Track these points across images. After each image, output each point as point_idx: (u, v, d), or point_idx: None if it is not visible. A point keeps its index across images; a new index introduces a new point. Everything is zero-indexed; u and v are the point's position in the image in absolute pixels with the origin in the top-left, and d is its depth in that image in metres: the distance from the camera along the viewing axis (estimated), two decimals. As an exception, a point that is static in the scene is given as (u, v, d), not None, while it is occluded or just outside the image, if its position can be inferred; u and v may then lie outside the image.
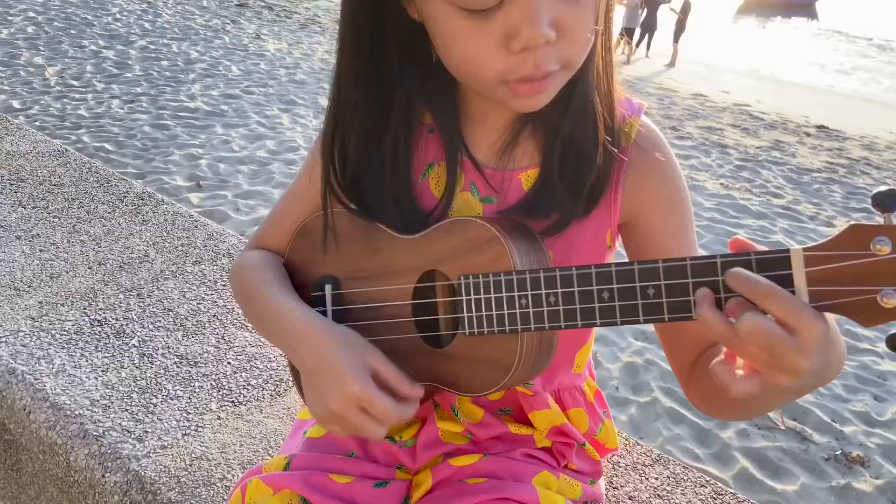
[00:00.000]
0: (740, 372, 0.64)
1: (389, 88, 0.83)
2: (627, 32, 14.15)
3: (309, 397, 0.83)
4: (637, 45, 14.44)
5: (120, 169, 5.59)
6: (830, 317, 0.63)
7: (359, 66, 0.82)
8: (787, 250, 0.62)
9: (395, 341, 0.87)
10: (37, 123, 6.17)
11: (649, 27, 14.43)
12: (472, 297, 0.79)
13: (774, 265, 0.63)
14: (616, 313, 0.71)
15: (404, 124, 0.85)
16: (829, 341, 0.61)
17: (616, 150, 0.83)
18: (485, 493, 0.85)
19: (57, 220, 1.71)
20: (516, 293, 0.76)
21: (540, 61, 0.69)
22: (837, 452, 3.40)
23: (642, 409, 3.62)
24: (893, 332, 0.58)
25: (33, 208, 1.75)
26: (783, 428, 3.59)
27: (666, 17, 14.58)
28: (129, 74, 7.63)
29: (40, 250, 1.59)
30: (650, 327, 4.66)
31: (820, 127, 10.51)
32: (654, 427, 3.51)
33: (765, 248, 0.63)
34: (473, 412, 0.95)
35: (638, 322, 0.70)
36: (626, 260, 0.73)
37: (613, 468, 1.18)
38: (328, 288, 0.91)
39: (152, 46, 8.66)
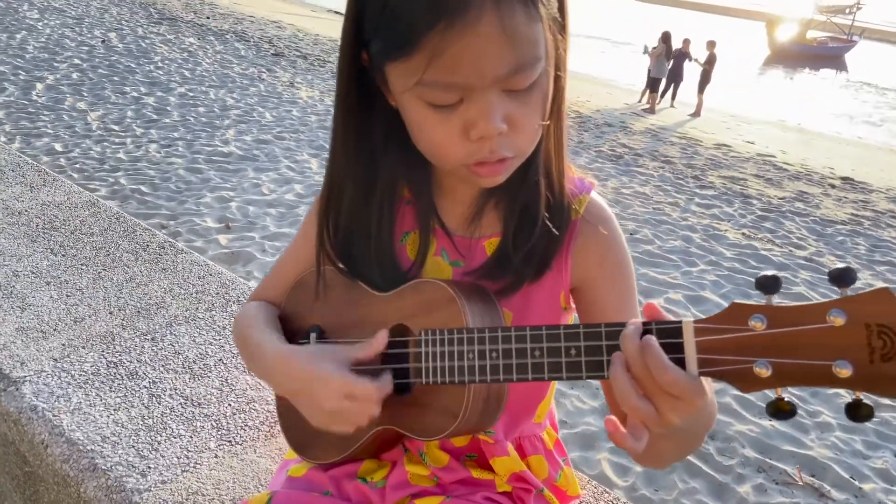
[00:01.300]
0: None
1: (375, 164, 0.96)
2: (654, 83, 14.32)
3: (306, 413, 0.95)
4: (663, 96, 14.59)
5: (154, 210, 5.82)
6: (709, 386, 0.73)
7: (350, 143, 0.94)
8: (681, 321, 0.72)
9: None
10: (77, 166, 6.45)
11: (675, 78, 14.58)
12: (430, 349, 0.90)
13: (670, 333, 0.72)
14: (544, 370, 0.81)
15: (388, 196, 0.98)
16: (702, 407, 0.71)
17: (565, 223, 0.95)
18: None
19: (84, 267, 1.86)
20: (465, 348, 0.87)
21: (494, 148, 0.82)
22: (856, 510, 3.36)
23: (658, 460, 3.64)
24: (850, 401, 0.64)
25: (63, 255, 1.90)
26: (801, 484, 3.56)
27: (691, 68, 14.73)
28: (167, 120, 7.95)
29: (67, 296, 1.73)
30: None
31: (845, 178, 10.48)
32: (669, 479, 3.51)
33: (667, 318, 0.73)
34: (439, 457, 1.04)
35: (561, 378, 0.80)
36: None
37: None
38: (313, 336, 1.04)
39: (191, 93, 9.00)
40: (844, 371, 0.63)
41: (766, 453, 3.82)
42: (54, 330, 1.60)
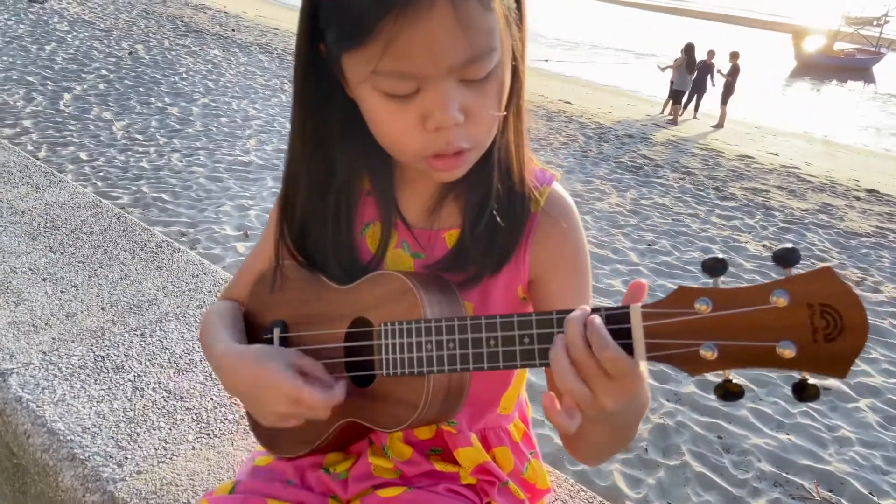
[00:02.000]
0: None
1: (332, 154, 0.95)
2: (676, 94, 14.25)
3: (256, 413, 0.95)
4: (685, 107, 14.51)
5: (174, 218, 5.91)
6: (644, 371, 0.72)
7: (306, 135, 0.94)
8: (629, 306, 0.71)
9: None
10: (101, 174, 6.57)
11: (699, 89, 14.50)
12: (390, 341, 0.89)
13: (618, 319, 0.72)
14: (499, 358, 0.80)
15: (345, 187, 0.97)
16: (636, 393, 0.71)
17: (525, 216, 0.94)
18: None
19: (81, 264, 1.89)
20: (423, 339, 0.86)
21: (451, 139, 0.82)
22: (873, 526, 3.28)
23: (671, 472, 3.58)
24: (796, 381, 0.64)
25: (62, 253, 1.93)
26: (818, 499, 3.49)
27: (716, 80, 14.63)
28: (189, 130, 8.07)
29: (61, 291, 1.76)
30: (683, 388, 4.62)
31: (871, 191, 10.30)
32: (682, 492, 3.46)
33: (614, 305, 0.73)
34: (402, 451, 1.04)
35: (516, 366, 0.80)
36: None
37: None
38: (276, 331, 1.03)
39: (214, 104, 9.14)
40: (788, 352, 0.62)
41: (783, 467, 3.76)
42: (46, 324, 1.62)
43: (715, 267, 0.67)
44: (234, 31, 14.34)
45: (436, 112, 0.79)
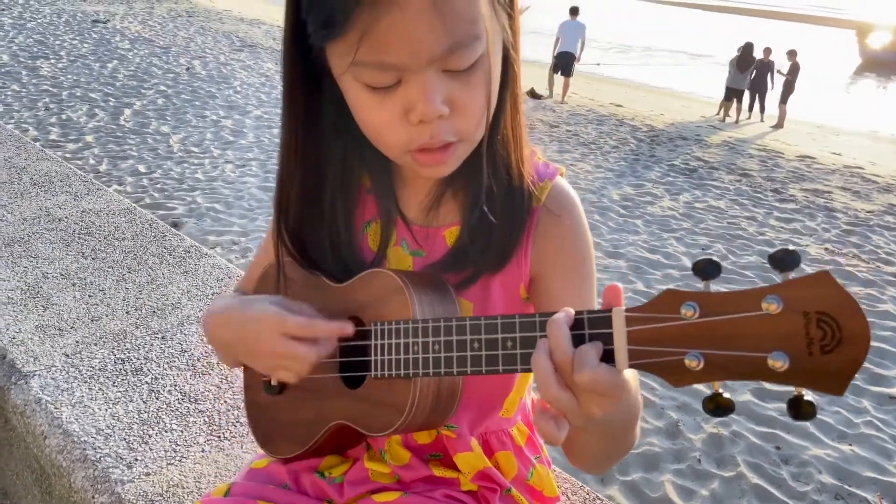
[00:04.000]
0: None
1: (325, 152, 0.93)
2: (730, 92, 13.90)
3: (249, 360, 0.95)
4: (751, 108, 14.14)
5: (227, 227, 6.03)
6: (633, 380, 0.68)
7: (298, 126, 0.91)
8: (611, 310, 0.66)
9: (320, 380, 0.95)
10: (158, 185, 6.77)
11: (760, 89, 14.10)
12: (380, 342, 0.86)
13: (600, 323, 0.67)
14: (482, 363, 0.76)
15: (340, 184, 0.94)
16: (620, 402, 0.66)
17: (525, 211, 0.90)
18: None
19: (110, 269, 1.92)
20: (410, 340, 0.83)
21: (436, 133, 0.78)
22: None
23: (726, 484, 3.46)
24: (791, 397, 0.58)
25: (93, 259, 1.97)
26: (883, 510, 3.35)
27: (776, 79, 14.23)
28: (243, 141, 8.24)
29: (89, 296, 1.79)
30: (739, 396, 4.46)
31: (943, 190, 9.79)
32: (739, 505, 3.34)
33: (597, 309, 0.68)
34: (401, 455, 1.00)
35: (498, 372, 0.75)
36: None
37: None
38: None
39: (266, 116, 9.32)
40: (780, 363, 0.56)
41: (845, 479, 3.59)
42: (71, 328, 1.65)
43: (706, 269, 0.61)
44: (287, 44, 14.56)
45: (418, 104, 0.75)
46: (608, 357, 0.65)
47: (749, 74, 13.88)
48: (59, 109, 8.48)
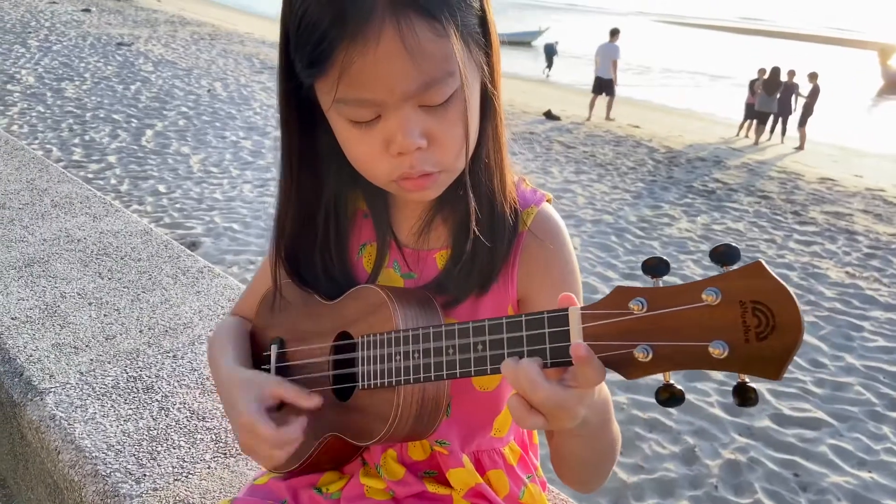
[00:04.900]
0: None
1: (319, 179, 0.98)
2: (761, 116, 13.91)
3: (235, 436, 1.00)
4: (772, 130, 14.11)
5: (244, 247, 6.11)
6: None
7: (293, 160, 0.97)
8: (567, 309, 0.70)
9: (315, 394, 0.99)
10: (177, 205, 6.87)
11: (783, 111, 14.07)
12: (366, 353, 0.91)
13: (558, 322, 0.71)
14: (457, 366, 0.80)
15: (334, 209, 0.99)
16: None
17: (510, 236, 0.94)
18: None
19: (126, 289, 1.97)
20: (393, 350, 0.87)
21: (415, 163, 0.83)
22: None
23: (744, 513, 3.44)
24: (735, 384, 0.61)
25: (109, 279, 2.02)
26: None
27: (798, 102, 14.21)
28: (261, 162, 8.36)
29: (104, 315, 1.83)
30: (757, 423, 4.41)
31: (966, 213, 9.66)
32: (758, 533, 3.31)
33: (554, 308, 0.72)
34: (395, 470, 1.03)
35: (470, 374, 0.79)
36: None
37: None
38: (273, 348, 1.06)
39: (284, 137, 9.44)
40: (719, 351, 0.60)
41: (866, 508, 3.54)
42: (86, 346, 1.70)
43: (656, 267, 0.66)
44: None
45: (397, 137, 0.80)
46: (564, 353, 0.69)
47: (775, 98, 13.89)
48: (83, 130, 8.66)
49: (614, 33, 14.00)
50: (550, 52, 22.93)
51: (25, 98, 9.65)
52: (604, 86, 13.84)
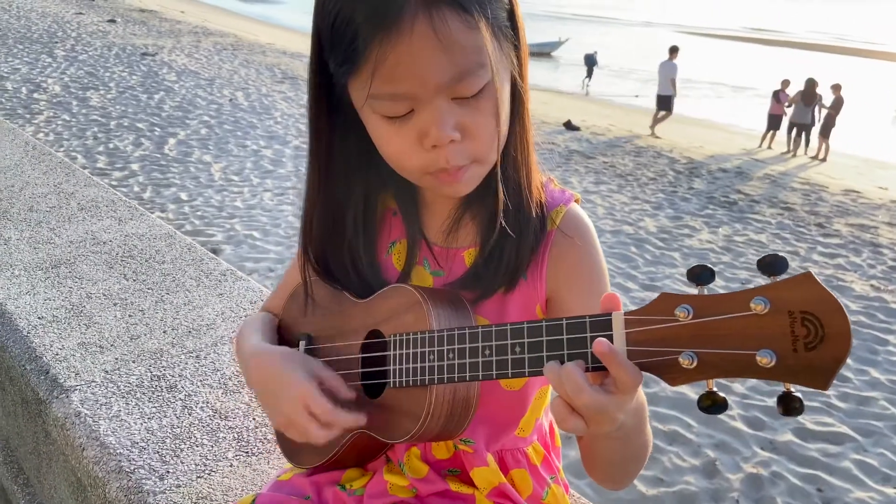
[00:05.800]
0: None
1: (348, 179, 0.99)
2: (800, 128, 13.95)
3: (268, 412, 1.00)
4: (797, 142, 14.07)
5: (263, 255, 6.16)
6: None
7: (322, 155, 0.98)
8: (610, 313, 0.70)
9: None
10: (198, 213, 6.95)
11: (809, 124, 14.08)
12: (398, 352, 0.91)
13: (601, 326, 0.71)
14: (493, 367, 0.81)
15: (362, 209, 1.00)
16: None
17: (539, 234, 0.94)
18: None
19: (150, 291, 1.99)
20: (427, 349, 0.88)
21: (450, 157, 0.84)
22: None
23: (766, 528, 3.40)
24: (781, 393, 0.62)
25: (134, 281, 2.04)
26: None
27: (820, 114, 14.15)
28: (281, 170, 8.43)
29: (129, 316, 1.86)
30: (780, 437, 4.35)
31: None
32: (781, 548, 3.27)
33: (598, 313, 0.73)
34: (419, 468, 1.03)
35: (507, 376, 0.80)
36: None
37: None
38: (302, 344, 1.08)
39: (304, 145, 9.50)
40: (767, 360, 0.60)
41: (890, 523, 3.49)
42: (111, 345, 1.72)
43: (701, 275, 0.66)
44: (328, 77, 14.89)
45: (431, 131, 0.82)
46: None
47: (812, 109, 13.91)
48: (107, 138, 8.79)
49: (673, 51, 14.30)
50: (591, 62, 22.46)
51: (52, 106, 9.82)
52: (661, 102, 14.25)
